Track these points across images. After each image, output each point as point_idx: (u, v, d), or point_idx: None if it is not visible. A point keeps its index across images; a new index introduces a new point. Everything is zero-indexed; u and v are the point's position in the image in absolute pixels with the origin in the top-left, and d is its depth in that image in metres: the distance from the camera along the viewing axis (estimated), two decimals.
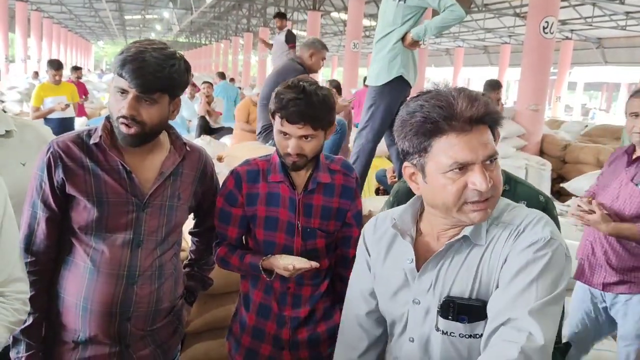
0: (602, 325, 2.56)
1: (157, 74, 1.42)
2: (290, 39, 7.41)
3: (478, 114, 1.10)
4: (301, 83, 1.66)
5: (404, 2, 3.63)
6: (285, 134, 1.65)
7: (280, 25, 7.95)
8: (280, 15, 8.20)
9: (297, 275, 1.70)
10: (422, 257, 1.25)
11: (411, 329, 1.29)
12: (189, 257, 1.94)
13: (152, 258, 1.57)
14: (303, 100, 1.61)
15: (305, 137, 1.65)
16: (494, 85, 5.29)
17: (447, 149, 1.11)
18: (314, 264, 1.64)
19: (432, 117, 1.11)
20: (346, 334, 1.48)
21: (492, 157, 1.12)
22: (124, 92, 1.43)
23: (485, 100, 1.13)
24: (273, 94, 1.69)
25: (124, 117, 1.43)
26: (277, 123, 1.67)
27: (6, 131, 1.73)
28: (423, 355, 1.27)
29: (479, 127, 1.12)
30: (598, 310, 2.53)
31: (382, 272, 1.35)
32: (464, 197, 1.13)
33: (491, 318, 1.11)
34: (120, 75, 1.41)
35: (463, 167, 1.11)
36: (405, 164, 1.23)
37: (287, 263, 1.63)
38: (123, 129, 1.45)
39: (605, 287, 2.42)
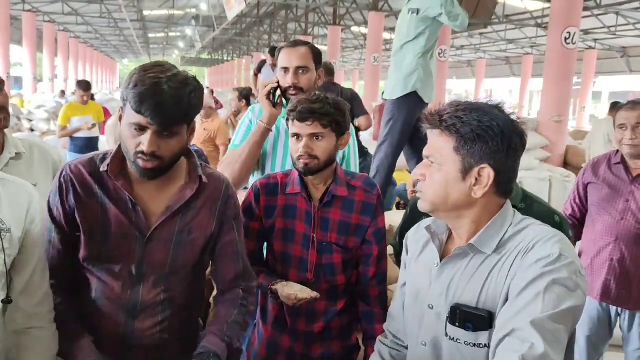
0: (611, 328, 2.55)
1: (177, 107, 1.33)
2: None
3: (430, 117, 1.24)
4: (317, 92, 1.76)
5: (417, 14, 3.65)
6: (297, 136, 1.70)
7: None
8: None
9: (314, 288, 1.72)
10: None
11: (424, 333, 1.31)
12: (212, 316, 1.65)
13: (156, 292, 1.47)
14: (312, 101, 1.68)
15: (315, 136, 1.68)
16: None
17: None
18: (315, 294, 1.65)
19: None
20: (391, 328, 1.53)
21: (429, 158, 1.25)
22: (142, 128, 1.33)
23: (443, 108, 1.23)
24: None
25: (143, 153, 1.34)
26: (290, 127, 1.72)
27: (16, 153, 1.78)
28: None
29: (432, 130, 1.25)
30: (605, 314, 2.51)
31: (412, 272, 1.40)
32: None
33: (497, 329, 1.13)
34: (139, 112, 1.31)
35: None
36: None
37: (291, 293, 1.64)
38: (141, 163, 1.36)
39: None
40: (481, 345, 1.19)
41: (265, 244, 1.88)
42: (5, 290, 1.33)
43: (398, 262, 2.07)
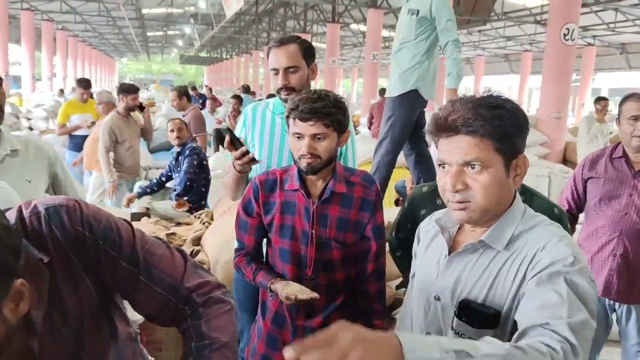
0: (608, 322, 2.54)
1: None
2: None
3: (454, 124, 1.17)
4: (314, 89, 1.74)
5: (416, 15, 3.67)
6: (298, 135, 1.69)
7: None
8: None
9: (313, 284, 1.73)
10: None
11: (429, 324, 1.32)
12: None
13: None
14: (314, 99, 1.66)
15: (318, 136, 1.67)
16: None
17: (439, 147, 1.24)
18: (315, 295, 1.65)
19: (430, 123, 1.25)
20: (403, 318, 1.54)
21: (470, 163, 1.17)
22: None
23: (463, 112, 1.17)
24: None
25: None
26: (291, 125, 1.71)
27: (12, 150, 1.78)
28: None
29: (458, 136, 1.18)
30: (602, 308, 2.49)
31: (421, 262, 1.41)
32: (446, 193, 1.22)
33: (521, 323, 1.04)
34: None
35: (445, 166, 1.21)
36: None
37: (290, 293, 1.64)
38: None
39: None
40: None
41: (265, 240, 1.88)
42: None
43: (394, 258, 2.08)
